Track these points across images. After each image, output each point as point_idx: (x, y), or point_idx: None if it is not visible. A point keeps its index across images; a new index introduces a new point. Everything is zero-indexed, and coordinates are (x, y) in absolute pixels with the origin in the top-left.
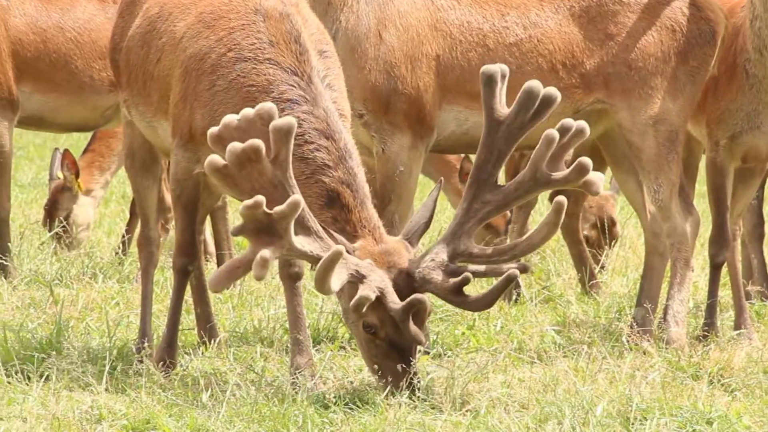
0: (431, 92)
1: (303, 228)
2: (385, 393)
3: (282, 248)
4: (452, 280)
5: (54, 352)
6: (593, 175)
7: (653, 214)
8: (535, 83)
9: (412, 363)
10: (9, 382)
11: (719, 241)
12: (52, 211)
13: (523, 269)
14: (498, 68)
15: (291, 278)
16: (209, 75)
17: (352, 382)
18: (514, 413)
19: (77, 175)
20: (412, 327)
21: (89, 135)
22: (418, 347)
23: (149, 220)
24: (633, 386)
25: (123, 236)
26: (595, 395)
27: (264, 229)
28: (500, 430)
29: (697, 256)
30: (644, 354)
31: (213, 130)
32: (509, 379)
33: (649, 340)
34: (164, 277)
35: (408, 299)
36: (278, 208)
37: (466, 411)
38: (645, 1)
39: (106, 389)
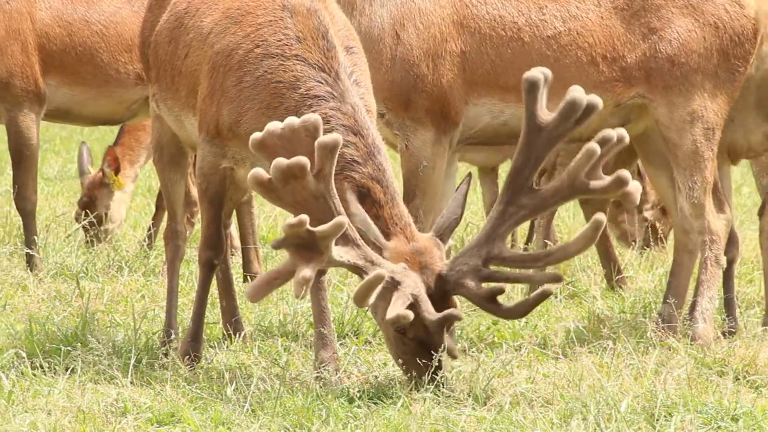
0: (456, 88)
1: (341, 237)
2: (410, 388)
3: (322, 263)
4: (486, 287)
5: (79, 345)
6: (631, 187)
7: (683, 211)
8: (578, 93)
9: (439, 358)
10: (34, 375)
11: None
12: (89, 206)
13: (557, 279)
14: (541, 74)
15: None
16: (236, 71)
17: (376, 377)
18: (539, 408)
19: (117, 172)
20: (446, 339)
21: (114, 128)
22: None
23: (176, 214)
24: (658, 382)
25: (149, 229)
26: (619, 391)
27: (305, 245)
28: (524, 426)
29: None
30: (670, 350)
31: (256, 135)
32: (534, 374)
33: (674, 337)
34: (189, 271)
35: (444, 313)
36: (321, 228)
37: (491, 406)
38: None
39: (132, 382)
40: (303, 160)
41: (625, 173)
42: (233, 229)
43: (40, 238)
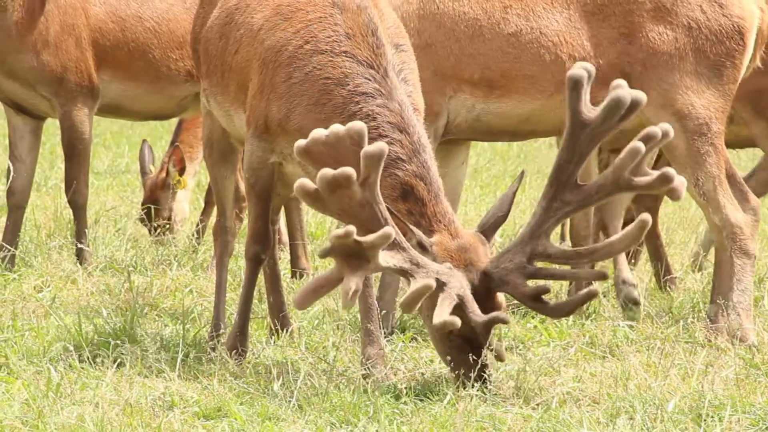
0: (426, 80)
1: None
2: (457, 385)
3: (368, 271)
4: (531, 286)
5: (127, 339)
6: (676, 182)
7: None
8: (623, 91)
9: (485, 356)
10: (83, 368)
11: None
12: (148, 210)
13: (602, 276)
14: (584, 71)
15: None
16: (286, 67)
17: (423, 374)
18: (585, 407)
19: (181, 172)
20: (493, 341)
21: (165, 123)
22: (492, 339)
23: (226, 209)
24: (706, 382)
25: (197, 224)
26: (667, 391)
27: (352, 254)
28: (571, 425)
29: None
30: (718, 350)
31: (300, 143)
32: (581, 373)
33: (723, 337)
34: (238, 266)
35: (490, 316)
36: (369, 239)
37: (537, 404)
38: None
39: (179, 376)
40: (349, 171)
41: (670, 171)
42: (282, 225)
43: (89, 232)
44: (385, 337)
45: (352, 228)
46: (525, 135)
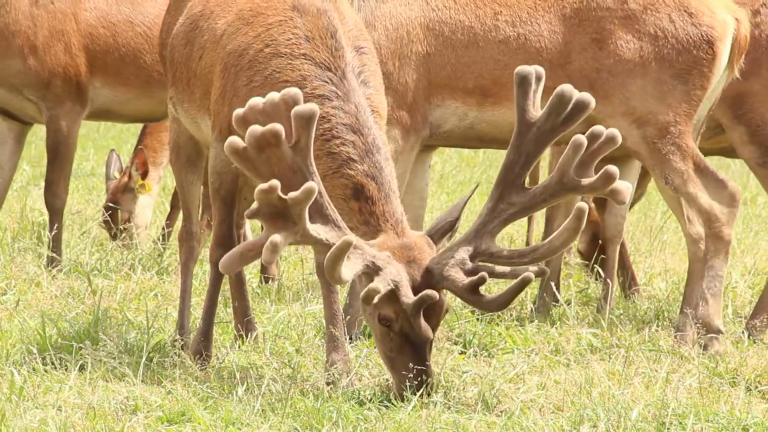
0: (421, 88)
1: (321, 216)
2: (396, 392)
3: (296, 234)
4: (468, 279)
5: (91, 342)
6: (620, 184)
7: (692, 220)
8: (567, 87)
9: (426, 361)
10: (46, 371)
11: None
12: (113, 213)
13: (541, 273)
14: (533, 70)
15: None
16: (247, 71)
17: (387, 380)
18: (549, 415)
19: (144, 176)
20: (423, 323)
21: (130, 127)
22: (433, 345)
23: (191, 215)
24: (669, 391)
25: (163, 228)
26: (630, 399)
27: (279, 214)
28: None
29: (737, 264)
30: (681, 359)
31: (238, 111)
32: (545, 380)
33: (688, 346)
34: (203, 270)
35: (420, 294)
36: (293, 194)
37: (501, 411)
38: (631, 7)
39: (142, 380)
40: (277, 126)
41: (612, 168)
42: (248, 230)
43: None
44: (349, 343)
45: (275, 182)
46: None
